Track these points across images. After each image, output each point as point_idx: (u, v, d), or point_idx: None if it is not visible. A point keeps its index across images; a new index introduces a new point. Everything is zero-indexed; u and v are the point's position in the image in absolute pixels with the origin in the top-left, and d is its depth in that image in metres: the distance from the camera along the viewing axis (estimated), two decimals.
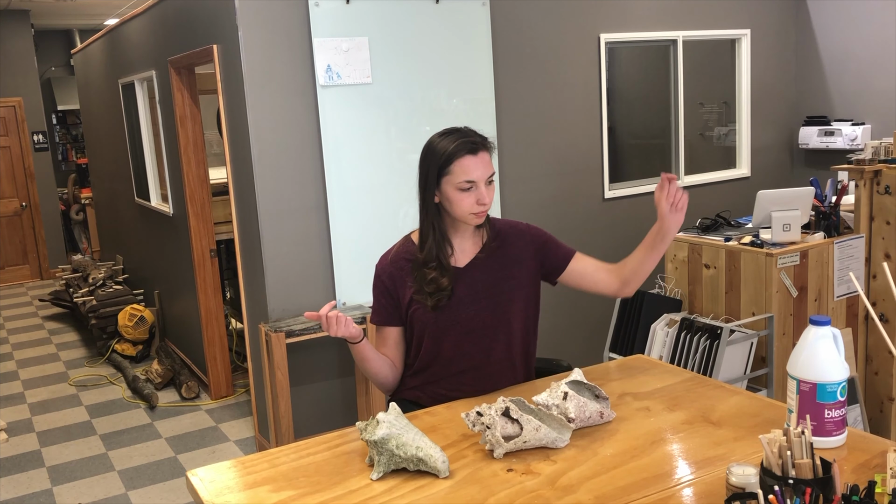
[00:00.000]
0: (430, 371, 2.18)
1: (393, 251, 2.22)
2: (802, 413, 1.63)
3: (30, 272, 9.25)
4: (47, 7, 8.66)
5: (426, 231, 2.12)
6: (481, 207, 2.05)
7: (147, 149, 5.57)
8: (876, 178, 3.55)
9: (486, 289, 2.14)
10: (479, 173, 2.03)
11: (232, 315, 5.74)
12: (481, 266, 2.15)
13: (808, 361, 1.65)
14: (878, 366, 3.66)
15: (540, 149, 4.47)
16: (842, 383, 1.62)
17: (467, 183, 2.02)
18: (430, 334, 2.14)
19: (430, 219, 2.11)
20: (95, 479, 3.94)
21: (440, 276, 2.09)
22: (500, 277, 2.16)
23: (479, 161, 2.03)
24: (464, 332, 2.13)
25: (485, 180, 2.04)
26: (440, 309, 2.10)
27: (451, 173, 2.03)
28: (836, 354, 1.64)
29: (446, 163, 2.03)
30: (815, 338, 1.65)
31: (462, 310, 2.12)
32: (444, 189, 2.06)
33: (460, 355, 2.14)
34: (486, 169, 2.04)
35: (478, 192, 2.03)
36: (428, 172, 2.07)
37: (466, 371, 2.15)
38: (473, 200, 2.04)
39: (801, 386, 1.64)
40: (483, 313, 2.13)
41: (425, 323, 2.13)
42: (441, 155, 2.04)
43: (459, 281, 2.13)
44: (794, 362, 1.68)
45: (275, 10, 3.61)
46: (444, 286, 2.09)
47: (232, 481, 1.70)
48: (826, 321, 1.66)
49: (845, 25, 5.24)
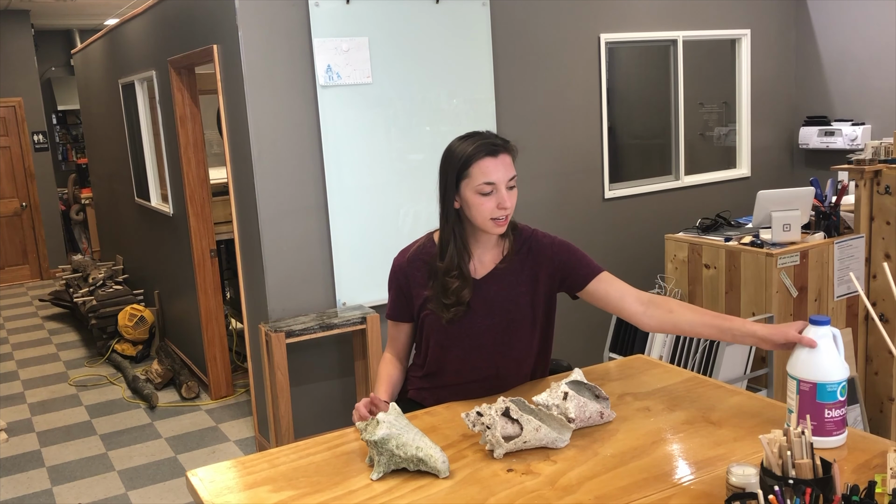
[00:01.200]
0: (438, 377, 2.15)
1: (413, 248, 2.15)
2: (802, 413, 1.63)
3: (30, 272, 9.25)
4: (47, 7, 8.66)
5: (447, 238, 2.05)
6: (502, 212, 1.97)
7: (147, 149, 5.57)
8: (876, 178, 3.55)
9: (501, 303, 2.07)
10: (499, 175, 1.96)
11: (232, 315, 5.74)
12: (499, 279, 2.08)
13: (808, 361, 1.65)
14: (878, 366, 3.66)
15: (540, 149, 4.47)
16: (842, 383, 1.62)
17: (487, 185, 1.95)
18: (438, 342, 2.10)
19: (450, 225, 2.03)
20: (95, 479, 3.94)
21: (462, 286, 2.02)
22: (517, 293, 2.08)
23: (500, 163, 1.97)
24: (473, 346, 2.07)
25: (505, 183, 1.97)
26: (454, 322, 2.05)
27: (470, 176, 1.97)
28: (836, 354, 1.64)
29: (465, 165, 1.97)
30: (815, 338, 1.66)
31: (474, 323, 2.06)
32: (464, 193, 1.99)
33: (468, 368, 2.10)
34: (506, 171, 1.97)
35: (498, 196, 1.96)
36: (447, 177, 2.01)
37: (474, 382, 2.10)
38: (494, 205, 1.96)
39: (801, 386, 1.65)
40: (495, 329, 2.07)
41: (435, 329, 2.09)
42: (460, 158, 1.98)
43: (475, 293, 2.06)
44: (793, 362, 1.69)
45: (275, 10, 3.61)
46: (465, 299, 2.02)
47: (232, 481, 1.70)
48: (826, 321, 1.66)
49: (845, 25, 5.24)
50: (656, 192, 4.98)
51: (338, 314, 3.74)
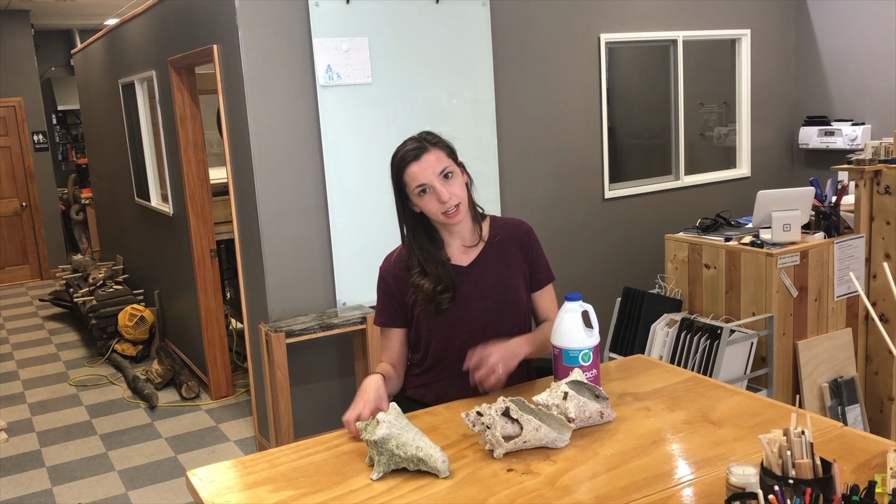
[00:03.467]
0: (438, 369, 2.18)
1: (395, 254, 2.23)
2: (557, 374, 1.95)
3: (30, 272, 9.25)
4: (47, 7, 8.66)
5: (408, 244, 2.16)
6: (445, 206, 2.04)
7: (147, 149, 5.57)
8: (876, 178, 3.55)
9: (493, 286, 2.15)
10: (426, 176, 2.03)
11: (232, 315, 5.74)
12: (486, 263, 2.16)
13: (557, 331, 1.93)
14: (878, 366, 3.66)
15: (540, 149, 4.47)
16: (582, 350, 1.89)
17: (420, 187, 2.04)
18: (439, 334, 2.14)
19: (410, 230, 2.15)
20: (95, 479, 3.94)
21: (433, 284, 2.10)
22: (505, 276, 2.16)
23: (424, 163, 2.04)
24: (473, 330, 2.13)
25: (437, 178, 2.03)
26: (443, 311, 2.11)
27: (406, 184, 2.07)
28: (581, 326, 1.90)
29: (398, 175, 2.08)
30: (565, 311, 1.92)
31: (470, 308, 2.13)
32: (411, 198, 2.09)
33: (469, 353, 2.13)
34: (434, 167, 2.04)
35: (435, 193, 2.03)
36: (394, 188, 2.12)
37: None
38: (435, 201, 2.04)
39: (553, 350, 1.95)
40: (489, 311, 2.14)
41: (433, 323, 2.13)
42: (394, 169, 2.09)
43: (464, 279, 2.13)
44: (552, 332, 1.97)
45: (275, 10, 3.61)
46: (439, 290, 2.09)
47: (232, 481, 1.70)
48: (577, 297, 1.93)
49: (845, 25, 5.24)
50: (656, 192, 4.98)
51: (338, 314, 3.74)
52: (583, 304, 1.93)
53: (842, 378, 3.51)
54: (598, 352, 1.94)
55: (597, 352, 1.94)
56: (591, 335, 1.91)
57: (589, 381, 1.86)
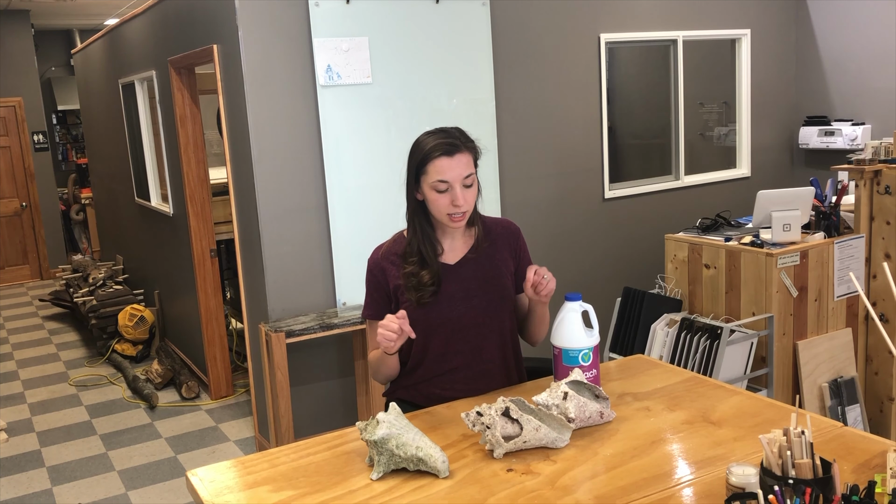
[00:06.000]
0: (422, 369, 2.17)
1: (385, 246, 2.23)
2: (557, 374, 1.95)
3: (30, 272, 9.25)
4: (47, 7, 8.66)
5: (409, 226, 2.17)
6: (456, 209, 2.04)
7: (147, 149, 5.57)
8: (876, 178, 3.55)
9: (478, 286, 2.14)
10: (453, 174, 2.02)
11: (232, 315, 5.74)
12: (473, 263, 2.16)
13: (556, 331, 1.94)
14: (878, 366, 3.66)
15: (540, 149, 4.47)
16: (582, 350, 1.89)
17: (441, 183, 2.02)
18: (419, 331, 2.12)
19: (411, 214, 2.15)
20: (95, 479, 3.94)
21: (420, 270, 2.10)
22: (492, 276, 2.16)
23: (455, 162, 2.02)
24: (454, 330, 2.12)
25: (460, 182, 2.02)
26: (425, 305, 2.10)
27: (427, 173, 2.05)
28: (580, 326, 1.91)
29: (423, 162, 2.05)
30: (565, 312, 1.92)
31: (453, 307, 2.12)
32: (423, 188, 2.08)
33: (452, 353, 2.14)
34: (461, 170, 2.03)
35: (452, 194, 2.02)
36: (409, 170, 2.11)
37: (458, 369, 2.14)
38: (448, 202, 2.03)
39: (554, 350, 1.94)
40: (474, 311, 2.13)
41: (414, 319, 2.10)
42: (419, 154, 2.07)
43: (450, 278, 2.13)
44: (551, 332, 1.98)
45: (275, 10, 3.61)
46: (426, 282, 2.09)
47: (232, 481, 1.70)
48: (577, 297, 1.93)
49: (845, 25, 5.24)
50: (656, 192, 4.98)
51: (338, 314, 3.74)
52: (583, 304, 1.93)
53: (842, 378, 3.51)
54: (597, 352, 1.95)
55: (597, 352, 1.94)
56: (591, 335, 1.92)
57: (589, 381, 1.86)
